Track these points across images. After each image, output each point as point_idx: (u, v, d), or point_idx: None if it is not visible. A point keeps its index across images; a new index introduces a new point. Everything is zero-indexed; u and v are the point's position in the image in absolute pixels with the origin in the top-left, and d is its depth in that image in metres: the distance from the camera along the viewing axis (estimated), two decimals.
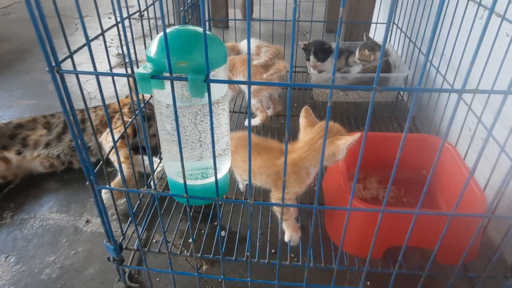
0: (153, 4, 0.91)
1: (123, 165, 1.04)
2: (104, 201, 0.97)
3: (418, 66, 1.23)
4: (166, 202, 0.96)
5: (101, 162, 0.69)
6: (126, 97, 1.38)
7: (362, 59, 1.31)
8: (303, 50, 1.34)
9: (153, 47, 0.51)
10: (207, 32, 0.56)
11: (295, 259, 0.86)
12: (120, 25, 0.71)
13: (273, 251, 0.87)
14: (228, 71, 1.04)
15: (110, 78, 1.67)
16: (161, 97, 0.55)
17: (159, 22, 1.83)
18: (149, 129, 1.21)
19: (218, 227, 0.74)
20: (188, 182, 0.55)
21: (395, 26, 1.43)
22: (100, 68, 1.83)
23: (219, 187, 0.64)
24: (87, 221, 0.97)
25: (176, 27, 0.53)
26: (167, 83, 0.52)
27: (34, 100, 1.54)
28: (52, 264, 0.86)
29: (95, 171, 0.64)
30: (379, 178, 0.96)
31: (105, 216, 0.67)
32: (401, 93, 1.37)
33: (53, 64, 0.50)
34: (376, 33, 1.47)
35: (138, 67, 0.59)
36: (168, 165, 0.63)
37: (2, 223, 0.97)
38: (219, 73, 0.54)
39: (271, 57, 1.12)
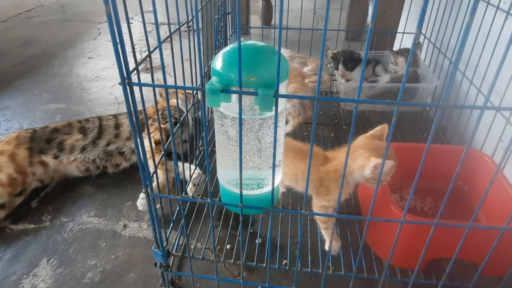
0: (196, 15, 0.93)
1: (158, 171, 1.06)
2: (141, 207, 0.99)
3: (446, 76, 1.24)
4: (204, 208, 0.98)
5: (154, 171, 0.71)
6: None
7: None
8: (331, 59, 1.35)
9: (219, 61, 0.53)
10: (270, 46, 0.58)
11: (333, 268, 0.86)
12: (168, 37, 0.73)
13: (310, 259, 0.88)
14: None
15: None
16: (223, 109, 0.56)
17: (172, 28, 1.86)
18: (181, 135, 1.23)
19: (268, 237, 0.75)
20: (243, 191, 0.56)
21: (422, 36, 1.44)
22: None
23: (269, 197, 0.65)
24: (125, 226, 0.99)
25: (242, 41, 0.54)
26: (233, 97, 0.54)
27: (63, 104, 1.57)
28: (94, 268, 0.88)
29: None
30: (415, 189, 0.96)
31: (157, 224, 0.68)
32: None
33: (125, 76, 0.52)
34: (403, 43, 1.48)
35: (152, 74, 0.59)
36: (222, 173, 0.64)
37: (42, 226, 0.99)
38: (281, 87, 0.55)
39: (314, 68, 1.15)
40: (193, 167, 1.05)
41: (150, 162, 1.10)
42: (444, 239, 0.73)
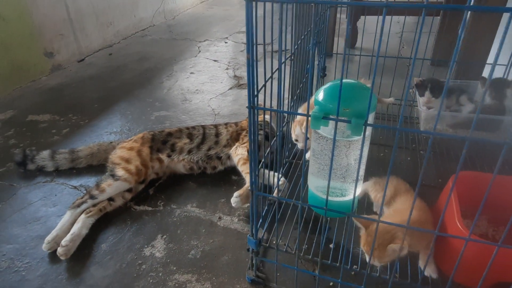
0: (298, 47, 1.11)
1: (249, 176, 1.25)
2: (234, 204, 1.18)
3: None
4: (287, 210, 1.14)
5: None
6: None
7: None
8: (415, 86, 1.43)
9: (321, 94, 0.69)
10: (361, 83, 0.72)
11: (397, 275, 0.95)
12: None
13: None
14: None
15: (228, 98, 1.97)
16: (321, 131, 0.72)
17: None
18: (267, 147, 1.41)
19: (346, 238, 0.87)
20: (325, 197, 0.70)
21: None
22: (218, 88, 2.13)
23: (349, 204, 0.79)
24: (220, 218, 1.19)
25: (338, 80, 0.70)
26: (330, 122, 0.69)
27: (171, 112, 1.88)
28: (196, 248, 1.09)
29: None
30: (489, 217, 1.01)
31: (255, 216, 0.86)
32: None
33: (252, 103, 0.70)
34: (495, 73, 1.49)
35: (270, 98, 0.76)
36: (312, 181, 0.79)
37: (157, 209, 1.24)
38: (370, 117, 0.69)
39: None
40: (276, 174, 1.22)
41: (243, 167, 1.30)
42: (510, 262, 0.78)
